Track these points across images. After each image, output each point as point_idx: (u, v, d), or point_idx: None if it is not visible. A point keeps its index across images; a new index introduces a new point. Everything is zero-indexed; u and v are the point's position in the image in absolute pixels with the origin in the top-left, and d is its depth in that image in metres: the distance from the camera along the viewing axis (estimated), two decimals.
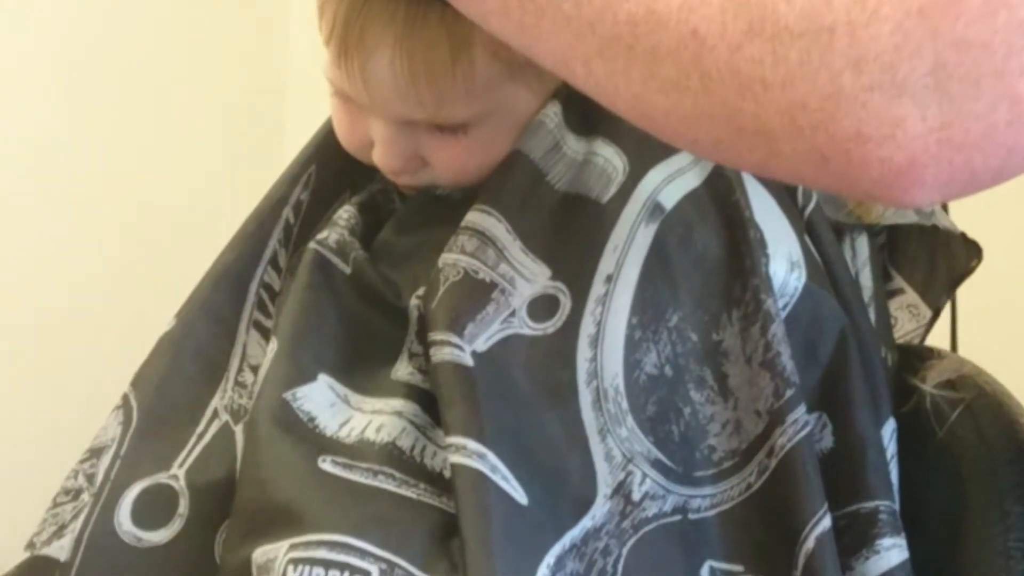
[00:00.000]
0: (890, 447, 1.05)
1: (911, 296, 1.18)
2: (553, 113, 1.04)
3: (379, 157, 1.07)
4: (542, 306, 1.00)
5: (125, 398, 1.06)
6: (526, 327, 0.99)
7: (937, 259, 1.17)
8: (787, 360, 0.98)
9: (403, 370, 1.03)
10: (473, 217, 1.01)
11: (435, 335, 0.98)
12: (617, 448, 0.97)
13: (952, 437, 1.08)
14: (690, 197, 1.03)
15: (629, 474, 0.97)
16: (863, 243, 1.14)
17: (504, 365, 0.98)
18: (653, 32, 0.68)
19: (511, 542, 0.92)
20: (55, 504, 1.04)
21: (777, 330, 0.99)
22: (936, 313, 1.18)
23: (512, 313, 0.99)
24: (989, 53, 0.60)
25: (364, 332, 1.05)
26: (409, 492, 0.96)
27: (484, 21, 0.78)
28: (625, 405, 0.98)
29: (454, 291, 0.99)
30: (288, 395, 1.00)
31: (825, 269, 1.07)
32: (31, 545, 1.02)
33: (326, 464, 0.96)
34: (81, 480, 1.04)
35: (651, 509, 0.98)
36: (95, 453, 1.05)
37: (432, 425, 0.99)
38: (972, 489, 1.07)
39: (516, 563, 0.91)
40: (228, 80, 2.48)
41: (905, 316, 1.18)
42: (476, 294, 0.99)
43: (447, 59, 0.99)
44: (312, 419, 0.99)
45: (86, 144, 2.29)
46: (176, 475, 1.02)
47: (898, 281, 1.18)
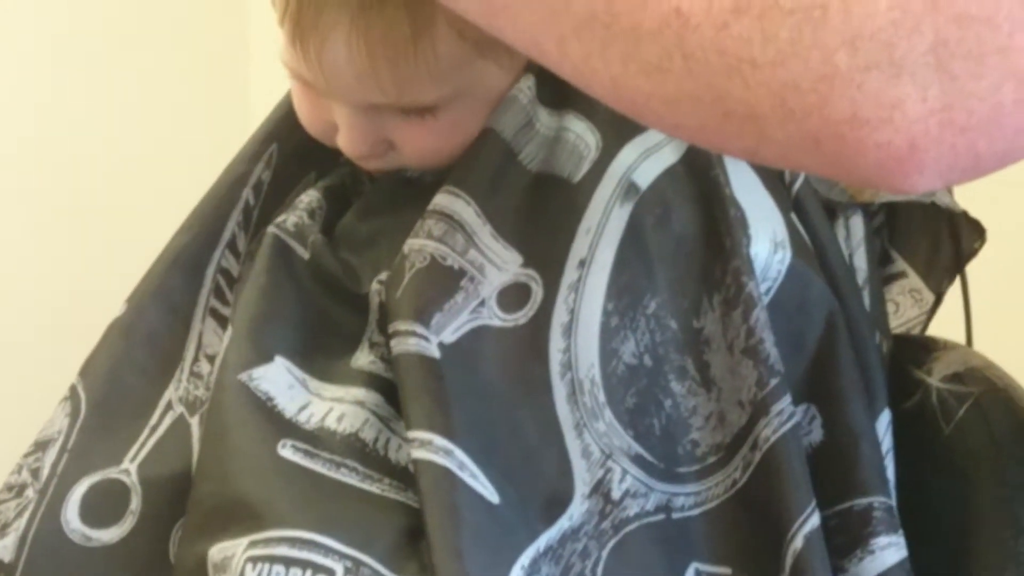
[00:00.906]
0: (885, 440, 1.02)
1: (913, 280, 1.15)
2: (527, 87, 1.02)
3: (343, 143, 1.04)
4: (513, 295, 0.97)
5: (73, 389, 1.04)
6: (496, 318, 0.97)
7: (940, 240, 1.14)
8: (771, 347, 0.96)
9: (364, 359, 1.00)
10: (441, 200, 0.98)
11: (399, 325, 0.95)
12: (595, 444, 0.95)
13: (959, 434, 1.05)
14: (667, 175, 1.00)
15: (608, 471, 0.95)
16: (858, 223, 1.11)
17: (473, 358, 0.96)
18: (633, 11, 0.65)
19: (481, 544, 0.90)
20: None
21: (760, 315, 0.96)
22: (939, 298, 1.16)
23: (481, 303, 0.97)
24: (993, 28, 0.58)
25: (322, 319, 1.03)
26: (373, 487, 0.94)
27: (450, 0, 0.75)
28: (602, 398, 0.96)
29: (420, 278, 0.97)
30: (244, 376, 0.97)
31: (814, 249, 1.04)
32: None
33: (286, 451, 0.94)
34: (26, 475, 1.02)
35: (632, 508, 0.96)
36: (41, 447, 1.02)
37: (396, 417, 0.97)
38: (981, 490, 1.04)
39: (487, 566, 0.89)
40: (190, 54, 2.49)
41: (908, 302, 1.15)
42: (444, 282, 0.96)
43: (408, 40, 0.96)
44: (271, 399, 0.97)
45: (41, 121, 2.30)
46: (128, 469, 1.00)
47: (899, 264, 1.16)
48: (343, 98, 1.02)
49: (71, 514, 0.98)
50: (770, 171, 1.04)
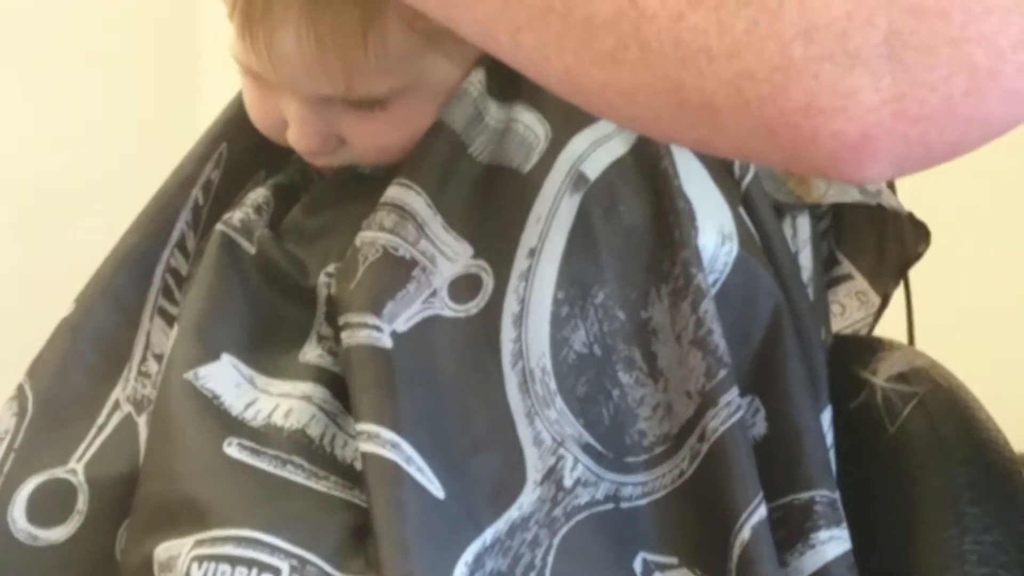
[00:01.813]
0: (828, 436, 1.03)
1: (860, 282, 1.16)
2: (477, 81, 1.02)
3: (293, 138, 1.05)
4: (464, 286, 0.98)
5: (20, 388, 1.03)
6: (447, 308, 0.97)
7: (886, 243, 1.15)
8: (719, 338, 0.96)
9: (311, 352, 1.01)
10: (392, 192, 0.99)
11: (351, 317, 0.96)
12: (546, 431, 0.96)
13: (904, 433, 1.06)
14: (615, 166, 1.01)
15: (560, 459, 0.96)
16: (804, 223, 1.12)
17: (424, 348, 0.96)
18: (588, 1, 0.65)
19: (427, 539, 0.90)
20: None
21: (708, 306, 0.97)
22: (885, 301, 1.17)
23: (433, 293, 0.97)
24: (946, 20, 0.58)
25: (270, 314, 1.03)
26: (319, 485, 0.94)
27: None
28: (553, 386, 0.96)
29: (374, 270, 0.97)
30: (190, 375, 0.98)
31: (762, 243, 1.05)
32: None
33: (232, 449, 0.94)
34: None
35: (583, 496, 0.96)
36: None
37: (343, 412, 0.97)
38: (925, 489, 1.04)
39: (433, 561, 0.89)
40: (140, 53, 2.48)
41: (854, 304, 1.16)
42: (396, 272, 0.97)
43: (357, 31, 0.97)
44: (216, 396, 0.97)
45: None
46: (74, 469, 1.00)
47: (846, 266, 1.17)
48: (293, 91, 1.02)
49: (17, 513, 0.98)
50: (719, 165, 1.05)
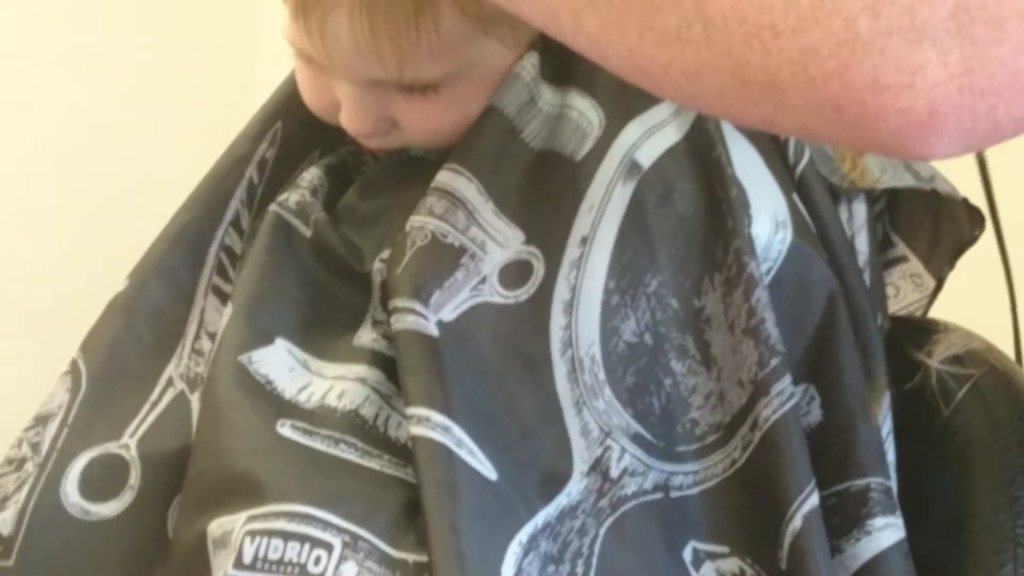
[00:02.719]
0: (886, 423, 1.03)
1: (914, 265, 1.16)
2: (531, 65, 1.02)
3: (346, 120, 1.05)
4: (514, 272, 0.98)
5: (74, 363, 1.04)
6: (497, 295, 0.97)
7: (941, 226, 1.15)
8: (772, 327, 0.96)
9: (366, 336, 1.01)
10: (443, 177, 1.00)
11: (398, 302, 0.96)
12: (594, 422, 0.96)
13: (958, 416, 1.07)
14: (669, 154, 1.01)
15: (607, 449, 0.96)
16: (860, 207, 1.11)
17: (472, 335, 0.96)
18: None
19: (479, 520, 0.90)
20: None
21: (761, 295, 0.97)
22: (940, 283, 1.16)
23: (482, 280, 0.97)
24: None
25: (325, 298, 1.03)
26: (372, 463, 0.95)
27: None
28: (602, 376, 0.97)
29: (421, 256, 0.97)
30: (243, 358, 0.99)
31: (816, 229, 1.05)
32: None
33: (285, 429, 0.95)
34: (26, 449, 1.03)
35: (630, 486, 0.96)
36: (41, 421, 1.03)
37: (397, 394, 0.97)
38: (979, 472, 1.05)
39: (485, 542, 0.90)
40: (196, 34, 2.49)
41: (908, 286, 1.16)
42: (444, 259, 0.97)
43: (410, 16, 0.97)
44: (270, 381, 0.98)
45: (50, 97, 2.30)
46: (127, 444, 1.01)
47: (900, 248, 1.17)
48: (345, 74, 1.02)
49: (70, 488, 0.99)
50: (773, 151, 1.06)
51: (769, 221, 1.01)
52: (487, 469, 0.92)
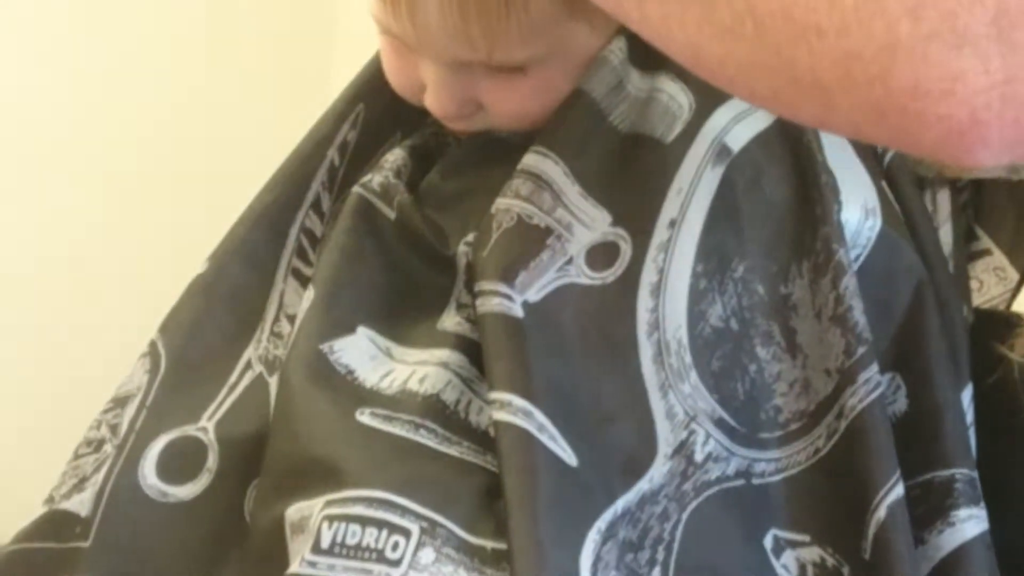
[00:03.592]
0: (968, 413, 1.03)
1: (998, 258, 1.15)
2: (618, 49, 1.03)
3: (431, 101, 1.05)
4: (601, 254, 0.98)
5: (153, 345, 1.05)
6: (583, 276, 0.97)
7: None
8: (859, 315, 0.96)
9: (450, 320, 1.01)
10: (529, 159, 1.00)
11: (484, 285, 0.96)
12: (679, 405, 0.96)
13: None
14: (759, 139, 1.01)
15: (692, 433, 0.96)
16: (944, 198, 1.12)
17: (557, 317, 0.96)
18: None
19: (559, 506, 0.90)
20: (76, 456, 1.03)
21: (849, 283, 0.97)
22: (1023, 277, 1.15)
23: (568, 261, 0.97)
24: None
25: (409, 281, 1.04)
26: (451, 449, 0.95)
27: None
28: (688, 359, 0.97)
29: (507, 238, 0.98)
30: (325, 347, 0.99)
31: (904, 218, 1.05)
32: (50, 499, 1.02)
33: (364, 417, 0.95)
34: (104, 431, 1.03)
35: (714, 472, 0.96)
36: (119, 403, 1.04)
37: (479, 378, 0.98)
38: None
39: (564, 530, 0.90)
40: (275, 16, 2.50)
41: (992, 279, 1.15)
42: (530, 240, 0.97)
43: None
44: (351, 371, 0.98)
45: (129, 83, 2.32)
46: (205, 427, 1.01)
47: (984, 241, 1.16)
48: (432, 54, 1.02)
49: (148, 470, 0.99)
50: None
51: (859, 208, 1.01)
52: (568, 455, 0.92)
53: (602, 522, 0.92)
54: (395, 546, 0.88)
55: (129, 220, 2.36)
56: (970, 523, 0.97)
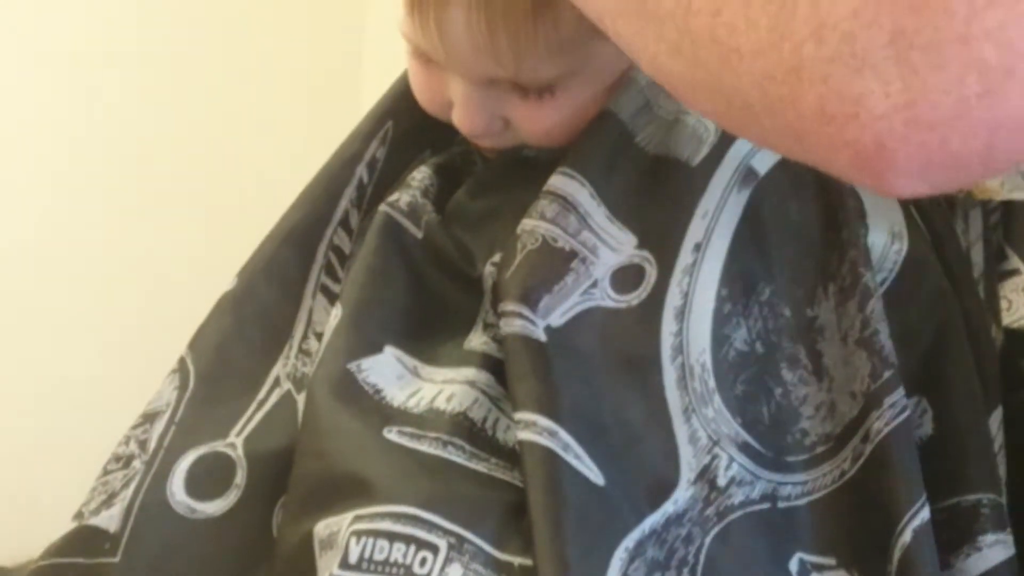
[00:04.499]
0: (998, 437, 1.03)
1: None
2: None
3: (459, 118, 1.06)
4: (626, 276, 0.98)
5: (182, 361, 1.05)
6: (608, 299, 0.98)
7: None
8: (885, 339, 0.96)
9: (477, 340, 1.02)
10: (556, 181, 1.00)
11: (507, 305, 0.97)
12: (702, 429, 0.96)
13: None
14: (785, 162, 1.01)
15: (715, 458, 0.96)
16: (976, 218, 1.11)
17: (582, 340, 0.96)
18: None
19: (585, 524, 0.90)
20: (105, 472, 1.04)
21: (875, 306, 0.97)
22: None
23: (593, 284, 0.98)
24: (949, 15, 0.55)
25: (436, 300, 1.04)
26: (479, 466, 0.95)
27: None
28: (712, 383, 0.97)
29: (531, 260, 0.98)
30: (352, 366, 0.99)
31: (933, 241, 1.04)
32: (79, 515, 1.02)
33: (392, 435, 0.95)
34: (133, 447, 1.04)
35: (737, 496, 0.96)
36: (148, 418, 1.04)
37: (506, 397, 0.98)
38: None
39: (590, 547, 0.90)
40: (304, 35, 2.51)
41: (1020, 299, 1.14)
42: (554, 263, 0.98)
43: (528, 15, 0.98)
44: (379, 391, 0.98)
45: (158, 99, 2.34)
46: (234, 443, 1.02)
47: (1014, 261, 1.15)
48: (461, 71, 1.03)
49: (177, 486, 1.00)
50: None
51: (886, 231, 1.00)
52: (594, 474, 0.92)
53: (630, 540, 0.92)
54: (423, 562, 0.89)
55: (158, 236, 2.37)
56: (996, 548, 0.96)
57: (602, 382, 0.96)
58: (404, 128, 1.13)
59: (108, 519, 1.00)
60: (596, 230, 0.99)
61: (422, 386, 0.99)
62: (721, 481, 0.96)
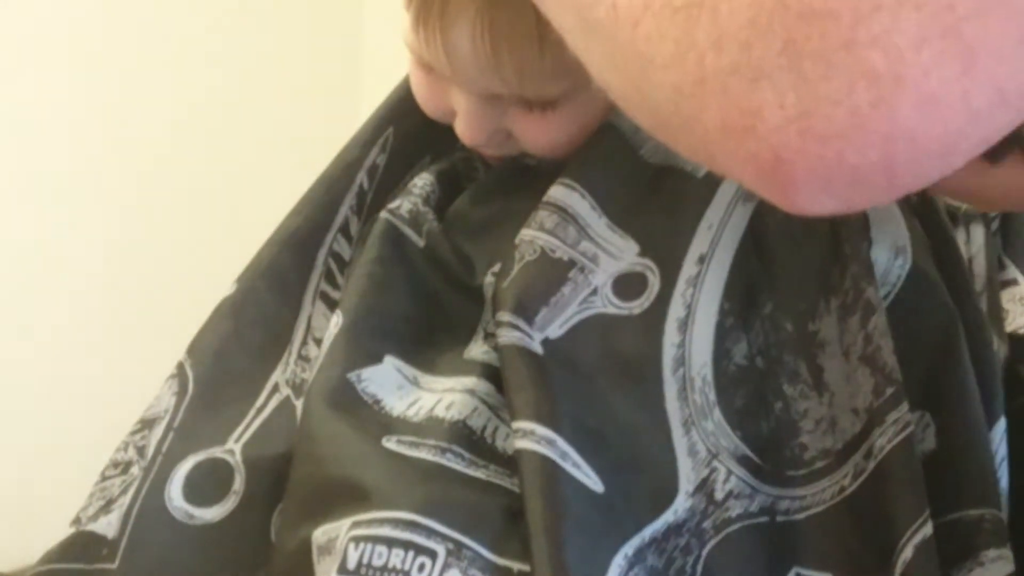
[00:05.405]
0: (1000, 449, 1.02)
1: (1023, 287, 1.13)
2: None
3: (461, 130, 1.06)
4: (629, 284, 0.98)
5: (180, 366, 1.05)
6: (610, 305, 0.98)
7: None
8: (889, 355, 0.95)
9: (477, 349, 1.02)
10: (555, 192, 1.00)
11: (503, 316, 0.97)
12: (702, 442, 0.96)
13: None
14: None
15: (713, 471, 0.96)
16: (978, 229, 1.11)
17: (582, 349, 0.96)
18: (592, 5, 0.63)
19: (584, 532, 0.90)
20: (103, 478, 1.04)
21: (878, 321, 0.96)
22: None
23: (593, 292, 0.98)
24: (836, 22, 0.53)
25: (436, 310, 1.04)
26: (478, 472, 0.95)
27: None
28: (713, 396, 0.97)
29: (528, 271, 0.98)
30: (352, 376, 0.99)
31: (936, 254, 1.04)
32: (77, 521, 1.02)
33: (391, 443, 0.95)
34: (131, 453, 1.04)
35: (735, 509, 0.96)
36: (147, 424, 1.04)
37: (505, 405, 0.97)
38: None
39: (588, 554, 0.90)
40: (304, 39, 2.52)
41: (1018, 309, 1.13)
42: (551, 275, 0.98)
43: (533, 34, 0.98)
44: (378, 401, 0.98)
45: (158, 106, 2.34)
46: (232, 450, 1.02)
47: (1011, 271, 1.14)
48: (465, 86, 1.03)
49: (175, 492, 1.00)
50: None
51: (889, 246, 1.00)
52: (593, 482, 0.92)
53: (629, 547, 0.92)
54: (421, 567, 0.89)
55: (157, 241, 2.37)
56: (998, 563, 0.95)
57: (602, 391, 0.96)
58: (405, 133, 1.14)
59: (106, 525, 1.00)
60: (596, 239, 0.99)
61: (422, 395, 0.99)
62: (719, 494, 0.96)
